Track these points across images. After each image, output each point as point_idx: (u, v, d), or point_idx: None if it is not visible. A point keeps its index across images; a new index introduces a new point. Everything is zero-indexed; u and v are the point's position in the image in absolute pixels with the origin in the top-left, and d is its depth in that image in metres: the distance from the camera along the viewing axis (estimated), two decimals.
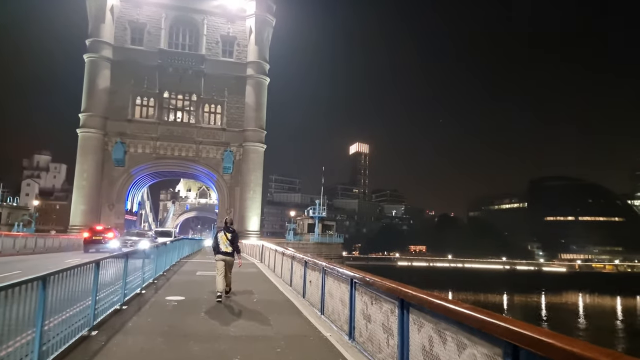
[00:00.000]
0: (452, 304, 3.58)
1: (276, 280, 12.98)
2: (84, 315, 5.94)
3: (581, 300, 75.64)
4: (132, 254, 9.10)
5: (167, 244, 14.23)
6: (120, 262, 8.01)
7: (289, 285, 11.56)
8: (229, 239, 10.00)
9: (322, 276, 7.88)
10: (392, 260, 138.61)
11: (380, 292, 5.22)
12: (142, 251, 8.94)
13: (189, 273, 14.24)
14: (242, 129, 55.49)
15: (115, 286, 7.76)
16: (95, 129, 51.92)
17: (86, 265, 5.85)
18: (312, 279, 8.83)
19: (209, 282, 12.10)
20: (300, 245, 48.41)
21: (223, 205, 55.78)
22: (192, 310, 8.11)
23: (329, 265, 7.57)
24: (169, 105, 55.25)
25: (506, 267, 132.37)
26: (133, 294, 9.12)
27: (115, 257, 7.82)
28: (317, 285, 8.32)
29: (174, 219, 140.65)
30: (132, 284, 9.08)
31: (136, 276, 9.50)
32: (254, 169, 55.43)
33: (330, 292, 7.39)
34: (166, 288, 10.75)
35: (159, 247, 12.98)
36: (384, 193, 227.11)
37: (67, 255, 23.97)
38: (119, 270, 7.89)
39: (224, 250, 9.93)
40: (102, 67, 52.62)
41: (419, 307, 4.18)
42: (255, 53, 56.11)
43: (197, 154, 54.62)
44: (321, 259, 8.57)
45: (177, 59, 54.05)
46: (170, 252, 15.38)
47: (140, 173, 54.95)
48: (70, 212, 53.03)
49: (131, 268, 8.98)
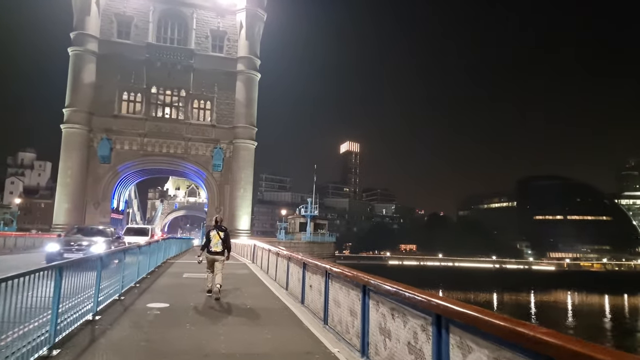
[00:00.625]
0: (524, 327, 2.62)
1: (270, 283, 11.94)
2: (43, 330, 4.91)
3: (570, 298, 75.87)
4: (108, 257, 8.05)
5: (143, 246, 11.83)
6: (93, 266, 6.95)
7: (285, 289, 10.55)
8: (222, 237, 9.91)
9: (325, 280, 6.90)
10: (384, 259, 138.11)
11: (405, 303, 4.25)
12: (97, 257, 7.27)
13: (176, 275, 13.14)
14: (233, 125, 54.28)
15: (87, 293, 6.72)
16: (80, 125, 50.36)
17: (45, 271, 4.80)
18: (312, 284, 7.84)
19: (196, 285, 11.09)
20: (292, 245, 47.40)
21: (213, 204, 54.55)
22: (177, 321, 7.08)
23: (333, 268, 6.58)
24: (156, 100, 53.83)
25: (496, 265, 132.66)
26: (110, 300, 8.05)
27: (86, 260, 6.74)
28: (319, 290, 7.35)
29: (162, 218, 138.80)
30: (109, 290, 8.02)
31: (114, 280, 8.42)
32: (244, 167, 54.24)
33: (335, 299, 6.41)
34: (149, 293, 9.66)
35: (129, 250, 11.53)
36: (374, 192, 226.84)
37: None
38: (91, 275, 6.84)
39: (215, 250, 9.85)
40: (87, 61, 51.06)
41: (465, 327, 3.22)
42: (246, 48, 54.89)
43: (186, 151, 53.30)
44: (324, 260, 7.56)
45: (166, 53, 52.66)
46: (156, 253, 14.31)
47: (127, 170, 53.49)
48: (54, 211, 51.45)
49: (107, 272, 7.93)
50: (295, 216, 56.46)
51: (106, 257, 7.89)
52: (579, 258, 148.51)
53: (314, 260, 8.03)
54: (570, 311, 61.86)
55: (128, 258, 9.76)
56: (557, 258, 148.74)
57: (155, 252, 14.28)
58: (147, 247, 12.28)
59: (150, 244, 12.86)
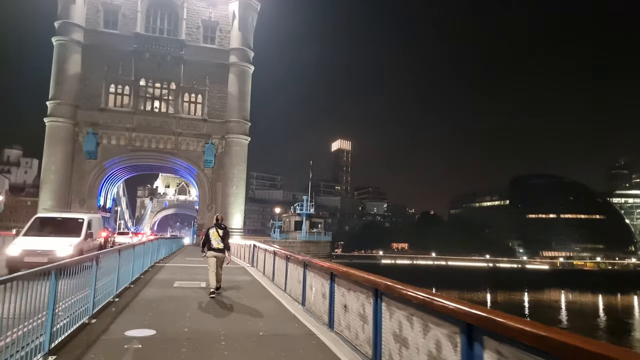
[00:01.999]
0: None
1: (280, 296, 9.78)
2: None
3: (563, 297, 75.08)
4: (74, 266, 5.97)
5: (126, 249, 9.81)
6: (45, 281, 4.88)
7: (301, 304, 8.50)
8: (221, 235, 10.00)
9: (374, 303, 4.89)
10: (377, 258, 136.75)
11: None
12: (53, 268, 5.19)
13: (165, 284, 11.01)
14: (225, 120, 52.04)
15: (38, 319, 4.69)
16: (65, 118, 47.87)
17: None
18: (349, 303, 5.80)
19: (190, 297, 9.05)
20: (287, 244, 45.52)
21: (204, 202, 52.30)
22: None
23: (390, 284, 4.57)
24: (145, 93, 51.42)
25: (489, 264, 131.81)
26: (75, 327, 5.95)
27: (35, 273, 4.65)
28: (360, 314, 5.33)
29: (151, 216, 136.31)
30: (73, 311, 5.95)
31: (80, 297, 6.31)
32: (237, 163, 52.04)
33: (397, 334, 4.41)
34: (130, 312, 7.48)
35: (124, 250, 9.82)
36: (366, 190, 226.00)
37: None
38: (44, 294, 4.79)
39: (216, 247, 9.91)
40: (72, 52, 48.55)
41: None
42: (239, 39, 52.64)
43: (177, 146, 51.00)
44: (365, 272, 5.53)
45: (155, 44, 50.26)
46: (142, 257, 12.24)
47: (115, 166, 51.08)
48: (38, 209, 48.85)
49: (72, 285, 5.87)
50: (290, 214, 54.42)
51: (71, 266, 5.84)
52: (572, 257, 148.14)
53: (347, 270, 6.02)
54: (563, 310, 61.09)
55: (106, 263, 7.74)
56: (550, 257, 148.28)
57: (141, 256, 12.21)
58: (130, 251, 10.21)
59: (135, 247, 10.74)
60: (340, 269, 6.29)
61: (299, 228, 49.96)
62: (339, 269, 6.36)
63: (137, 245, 11.37)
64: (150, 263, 14.73)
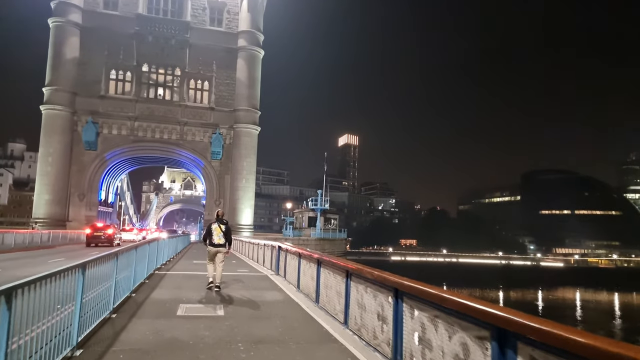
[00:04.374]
0: None
1: (343, 336, 6.09)
2: None
3: (579, 296, 71.94)
4: None
5: (103, 263, 6.08)
6: None
7: (377, 351, 5.08)
8: (223, 230, 9.99)
9: None
10: (386, 255, 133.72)
11: None
12: None
13: (164, 310, 7.39)
14: (233, 108, 48.65)
15: None
16: (62, 106, 44.70)
17: None
18: None
19: (207, 345, 5.38)
20: (301, 242, 42.25)
21: (211, 196, 48.99)
22: None
23: None
24: (148, 80, 48.11)
25: (502, 262, 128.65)
26: None
27: None
28: None
29: (157, 212, 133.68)
30: None
31: None
32: (246, 155, 48.66)
33: None
34: None
35: (121, 254, 6.47)
36: (373, 186, 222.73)
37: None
38: None
39: (217, 242, 9.94)
40: (69, 34, 45.31)
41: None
42: (248, 21, 49.13)
43: (182, 136, 47.68)
44: None
45: (158, 26, 46.86)
46: (132, 267, 8.82)
47: (116, 158, 47.86)
48: (33, 203, 45.81)
49: None
50: (303, 210, 50.91)
51: None
52: (586, 254, 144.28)
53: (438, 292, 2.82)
54: (579, 309, 58.10)
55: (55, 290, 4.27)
56: (563, 254, 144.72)
57: (132, 265, 8.80)
58: (111, 263, 6.71)
59: (118, 256, 7.19)
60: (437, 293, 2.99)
61: (312, 224, 46.48)
62: (435, 293, 3.08)
63: (122, 254, 7.72)
64: (148, 274, 11.37)
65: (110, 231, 29.34)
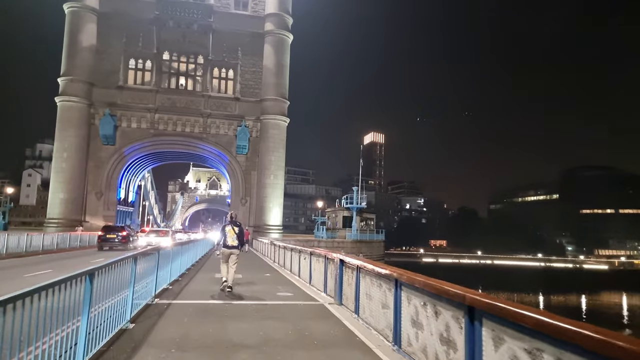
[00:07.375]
0: None
1: None
2: None
3: (625, 300, 65.65)
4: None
5: None
6: None
7: None
8: (236, 232, 10.28)
9: None
10: (417, 256, 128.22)
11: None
12: None
13: None
14: (260, 98, 44.70)
15: None
16: (78, 98, 41.58)
17: None
18: None
19: None
20: (335, 244, 37.91)
21: (237, 194, 45.11)
22: None
23: None
24: (169, 69, 44.62)
25: (542, 264, 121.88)
26: None
27: None
28: None
29: (182, 212, 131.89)
30: None
31: None
32: (274, 149, 44.62)
33: None
34: None
35: None
36: (400, 185, 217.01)
37: None
38: None
39: (231, 244, 10.17)
40: (86, 20, 42.19)
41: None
42: (276, 3, 45.13)
43: (205, 129, 43.99)
44: None
45: (179, 10, 43.27)
46: (122, 293, 4.59)
47: (136, 153, 44.51)
48: (48, 202, 42.86)
49: None
50: (336, 209, 46.48)
51: None
52: (633, 256, 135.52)
53: None
54: (626, 316, 52.17)
55: None
56: (606, 256, 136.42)
57: (119, 292, 4.54)
58: None
59: (93, 279, 3.11)
60: None
61: (348, 225, 42.00)
62: None
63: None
64: (150, 297, 7.26)
65: (125, 233, 27.61)
